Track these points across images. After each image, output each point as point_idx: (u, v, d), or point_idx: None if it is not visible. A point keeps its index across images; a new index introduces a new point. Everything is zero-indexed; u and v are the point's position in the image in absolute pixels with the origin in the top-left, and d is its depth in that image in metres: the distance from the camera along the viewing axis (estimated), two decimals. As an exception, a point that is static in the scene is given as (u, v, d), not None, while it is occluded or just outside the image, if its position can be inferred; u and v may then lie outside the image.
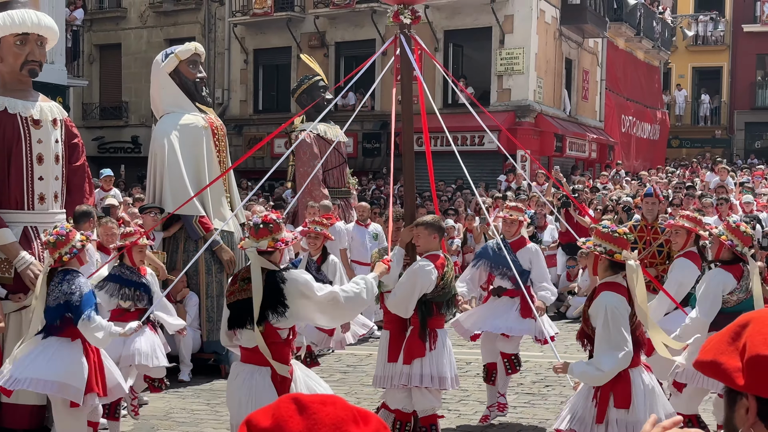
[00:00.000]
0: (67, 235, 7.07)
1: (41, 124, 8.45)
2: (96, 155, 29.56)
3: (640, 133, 34.79)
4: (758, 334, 1.75)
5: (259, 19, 28.10)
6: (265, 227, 6.00)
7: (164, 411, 9.57)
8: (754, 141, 41.01)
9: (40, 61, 8.59)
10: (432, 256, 7.17)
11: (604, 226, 6.15)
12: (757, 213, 16.81)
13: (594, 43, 30.57)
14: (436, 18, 25.67)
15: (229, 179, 11.98)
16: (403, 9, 7.76)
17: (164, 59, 11.76)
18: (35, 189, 8.40)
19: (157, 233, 11.41)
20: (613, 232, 6.03)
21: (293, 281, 5.93)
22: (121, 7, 31.28)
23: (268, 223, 6.02)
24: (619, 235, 6.02)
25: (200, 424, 9.17)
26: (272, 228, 6.00)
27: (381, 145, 26.73)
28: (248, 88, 29.59)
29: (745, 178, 23.48)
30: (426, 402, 7.26)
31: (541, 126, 25.78)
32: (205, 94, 12.03)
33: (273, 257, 6.06)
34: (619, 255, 5.98)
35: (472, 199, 20.64)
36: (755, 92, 41.12)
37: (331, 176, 16.23)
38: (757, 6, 40.56)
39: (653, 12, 34.83)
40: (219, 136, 11.76)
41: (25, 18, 8.34)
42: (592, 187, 20.98)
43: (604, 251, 6.01)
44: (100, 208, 13.36)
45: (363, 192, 21.68)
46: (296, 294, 5.91)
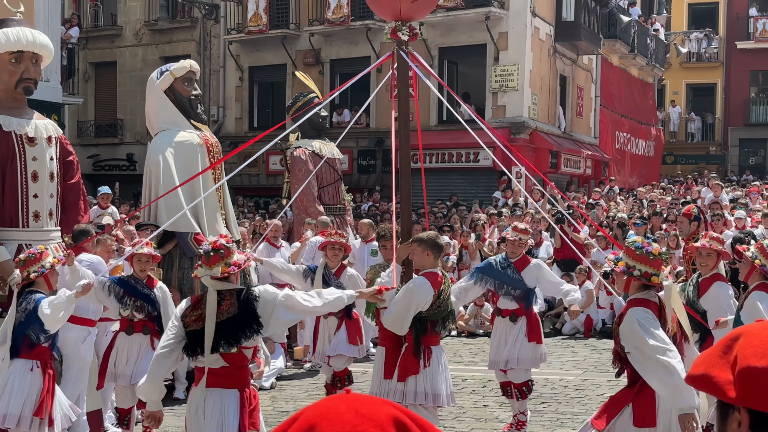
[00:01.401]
0: (39, 255, 7.14)
1: (36, 141, 8.45)
2: (91, 173, 29.53)
3: (634, 150, 34.85)
4: (749, 347, 1.75)
5: (254, 36, 28.15)
6: (216, 253, 5.99)
7: (160, 428, 9.53)
8: (749, 157, 41.12)
9: (35, 79, 8.60)
10: (429, 274, 7.16)
11: (637, 246, 5.75)
12: (751, 229, 16.83)
13: (588, 60, 30.66)
14: (431, 35, 25.73)
15: (224, 196, 11.99)
16: (401, 26, 7.80)
17: (159, 77, 11.78)
18: (30, 206, 8.40)
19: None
20: (648, 254, 5.69)
21: (268, 300, 5.96)
22: (117, 25, 31.32)
23: (218, 249, 6.00)
24: (655, 256, 5.71)
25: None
26: (223, 253, 5.99)
27: (376, 161, 26.76)
28: (243, 106, 29.61)
29: (737, 193, 23.53)
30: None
31: (536, 142, 25.82)
32: (200, 112, 12.05)
33: (230, 280, 6.04)
34: (656, 278, 5.67)
35: (467, 216, 20.66)
36: (749, 109, 41.24)
37: (326, 193, 16.24)
38: (750, 23, 40.73)
39: (647, 29, 34.96)
40: (214, 153, 11.78)
41: (20, 36, 8.35)
42: (587, 204, 21.00)
43: (640, 274, 5.67)
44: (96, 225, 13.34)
45: (358, 209, 21.68)
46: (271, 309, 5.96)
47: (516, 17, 25.23)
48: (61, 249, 8.60)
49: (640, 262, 5.68)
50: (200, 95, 12.24)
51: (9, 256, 8.17)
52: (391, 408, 1.57)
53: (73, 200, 8.95)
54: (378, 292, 6.73)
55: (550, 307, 16.76)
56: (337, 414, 1.53)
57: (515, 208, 19.72)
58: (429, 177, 24.69)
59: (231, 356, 5.91)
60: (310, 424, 1.52)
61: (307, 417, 1.54)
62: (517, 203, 21.39)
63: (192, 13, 30.05)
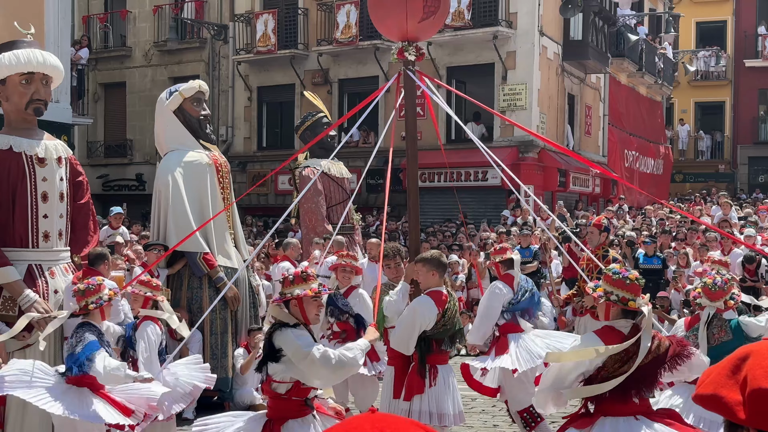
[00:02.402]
0: (98, 286, 7.18)
1: (46, 162, 8.47)
2: (101, 193, 29.63)
3: (643, 168, 34.81)
4: (759, 368, 1.74)
5: (262, 56, 28.26)
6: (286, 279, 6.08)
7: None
8: (758, 175, 41.03)
9: (45, 100, 8.63)
10: (433, 293, 7.15)
11: (615, 272, 5.83)
12: (763, 246, 16.78)
13: (596, 79, 30.69)
14: (439, 55, 25.80)
15: (233, 216, 11.99)
16: (408, 46, 7.83)
17: (168, 97, 11.80)
18: (40, 227, 8.40)
19: (161, 270, 11.42)
20: (625, 278, 5.75)
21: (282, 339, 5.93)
22: (126, 46, 31.48)
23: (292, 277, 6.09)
24: (632, 281, 5.76)
25: (204, 462, 9.10)
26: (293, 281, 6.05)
27: (385, 181, 26.74)
28: (252, 125, 29.69)
29: (746, 212, 23.47)
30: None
31: (545, 161, 25.82)
32: (209, 132, 12.05)
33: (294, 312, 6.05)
34: (634, 303, 5.72)
35: (476, 235, 20.63)
36: (758, 126, 41.21)
37: (335, 212, 16.25)
38: (758, 41, 40.73)
39: (655, 47, 34.98)
40: (223, 173, 11.78)
41: (30, 57, 8.38)
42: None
43: (617, 299, 5.72)
44: (106, 244, 13.38)
45: (367, 228, 21.68)
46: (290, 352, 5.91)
47: (524, 36, 25.29)
48: (70, 269, 8.61)
49: (618, 288, 5.72)
50: (209, 115, 12.26)
51: (19, 276, 8.17)
52: (417, 428, 1.57)
53: (82, 221, 8.95)
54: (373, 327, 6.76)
55: (556, 328, 16.70)
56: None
57: (524, 226, 19.68)
58: (437, 196, 24.74)
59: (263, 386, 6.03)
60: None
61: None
62: (525, 222, 21.36)
63: (201, 33, 30.19)
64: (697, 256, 16.40)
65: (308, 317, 6.07)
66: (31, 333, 8.23)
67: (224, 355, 11.38)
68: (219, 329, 11.37)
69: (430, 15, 7.71)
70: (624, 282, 5.73)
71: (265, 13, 28.28)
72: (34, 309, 8.09)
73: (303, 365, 5.85)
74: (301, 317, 6.03)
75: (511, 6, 25.31)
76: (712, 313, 7.35)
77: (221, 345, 11.38)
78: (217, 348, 11.34)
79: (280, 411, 5.95)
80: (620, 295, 5.71)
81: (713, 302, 7.33)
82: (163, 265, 11.44)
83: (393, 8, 7.69)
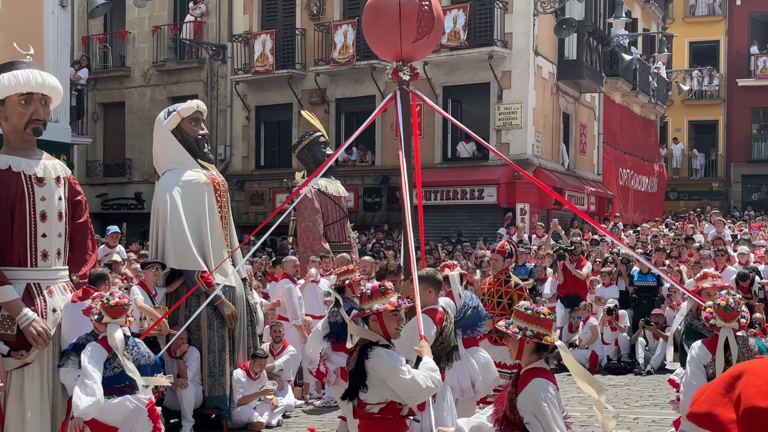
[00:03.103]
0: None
1: (45, 181, 8.46)
2: (100, 212, 29.61)
3: (637, 186, 34.87)
4: (752, 386, 1.74)
5: (260, 76, 28.31)
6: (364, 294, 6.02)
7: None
8: (751, 193, 41.13)
9: (44, 120, 8.62)
10: (431, 311, 7.14)
11: (527, 308, 5.67)
12: (755, 264, 16.79)
13: (591, 98, 30.76)
14: (435, 74, 25.86)
15: (231, 234, 11.98)
16: (402, 66, 7.85)
17: (167, 117, 11.81)
18: (38, 246, 8.38)
19: (159, 288, 11.41)
20: (538, 314, 5.61)
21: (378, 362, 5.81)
22: (125, 66, 31.54)
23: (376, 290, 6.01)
24: (545, 316, 5.63)
25: (202, 480, 9.08)
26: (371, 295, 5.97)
27: (381, 199, 26.79)
28: (250, 144, 29.72)
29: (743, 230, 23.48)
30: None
31: (540, 179, 25.81)
32: (207, 151, 12.06)
33: (374, 327, 5.96)
34: (549, 337, 5.60)
35: (472, 252, 20.63)
36: (751, 145, 41.31)
37: (332, 230, 16.25)
38: (750, 61, 40.90)
39: (649, 67, 35.10)
40: (221, 191, 11.78)
41: (29, 78, 8.38)
42: (592, 240, 20.98)
43: (532, 335, 5.57)
44: (104, 263, 13.36)
45: (363, 246, 21.67)
46: (377, 372, 5.81)
47: (519, 56, 25.37)
48: (69, 288, 8.59)
49: (532, 323, 5.59)
50: (207, 135, 12.26)
51: (17, 295, 8.15)
52: None
53: (81, 239, 8.93)
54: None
55: (555, 343, 16.70)
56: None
57: (520, 244, 19.68)
58: (433, 214, 24.74)
59: (356, 408, 5.89)
60: None
61: None
62: (521, 239, 21.36)
63: (199, 54, 30.25)
64: (691, 273, 16.39)
65: (389, 332, 5.98)
66: (29, 352, 8.21)
67: (222, 372, 11.35)
68: (216, 347, 11.35)
69: (424, 35, 7.73)
70: (538, 317, 5.59)
71: (263, 34, 28.35)
72: (32, 328, 8.07)
73: (397, 385, 5.77)
74: (381, 333, 5.95)
75: (507, 26, 25.40)
76: (730, 335, 7.30)
77: (219, 363, 11.35)
78: (214, 366, 11.32)
79: (375, 430, 5.87)
80: (535, 331, 5.57)
81: (728, 323, 7.30)
82: (161, 283, 11.44)
83: (387, 29, 7.72)
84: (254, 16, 29.28)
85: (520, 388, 5.54)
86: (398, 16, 7.61)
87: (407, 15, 7.63)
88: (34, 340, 8.09)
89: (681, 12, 42.18)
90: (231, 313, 11.35)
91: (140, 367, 7.54)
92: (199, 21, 29.99)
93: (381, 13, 7.80)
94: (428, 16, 7.71)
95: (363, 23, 8.35)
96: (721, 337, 7.32)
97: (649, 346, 15.74)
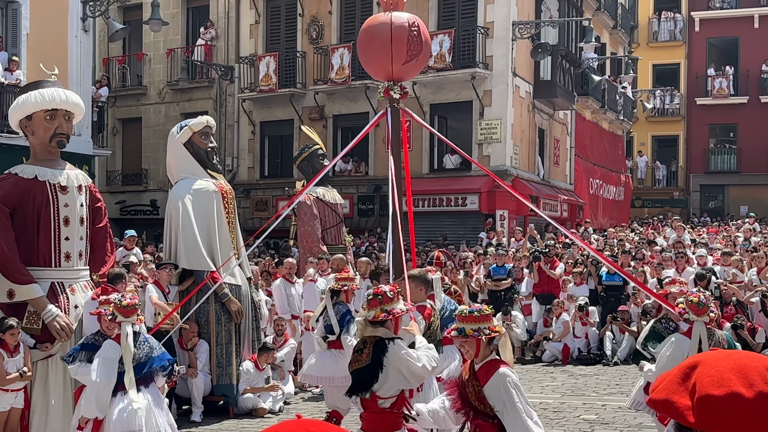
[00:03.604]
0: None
1: (68, 190, 8.46)
2: (118, 217, 29.55)
3: (606, 195, 34.91)
4: (706, 376, 1.75)
5: (265, 94, 28.30)
6: (375, 298, 5.93)
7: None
8: (708, 201, 41.24)
9: (67, 134, 8.63)
10: (419, 308, 7.15)
11: (471, 311, 5.60)
12: (712, 266, 16.82)
13: (564, 115, 30.81)
14: (423, 93, 25.88)
15: (237, 237, 11.99)
16: (393, 85, 7.86)
17: (179, 131, 11.82)
18: (62, 248, 8.38)
19: (172, 287, 11.41)
20: (479, 312, 5.57)
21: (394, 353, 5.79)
22: (142, 85, 31.49)
23: (377, 295, 5.95)
24: (486, 312, 5.60)
25: (210, 461, 9.05)
26: (381, 299, 5.91)
27: (374, 206, 26.76)
28: (255, 156, 29.68)
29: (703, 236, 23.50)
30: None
31: (518, 188, 25.80)
32: (216, 162, 12.07)
33: (386, 326, 5.93)
34: (499, 327, 5.59)
35: (456, 254, 20.62)
36: (708, 158, 41.41)
37: (329, 234, 16.25)
38: (708, 81, 41.02)
39: (616, 87, 35.17)
40: (228, 199, 11.80)
41: (54, 96, 8.39)
42: (564, 243, 20.99)
43: (488, 332, 5.53)
44: (121, 264, 13.34)
45: (357, 248, 21.65)
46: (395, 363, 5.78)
47: (499, 77, 25.40)
48: (89, 287, 8.58)
49: (479, 322, 5.54)
50: (216, 147, 12.27)
51: (43, 293, 8.15)
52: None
53: (101, 242, 8.93)
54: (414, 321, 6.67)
55: (531, 336, 16.71)
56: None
57: (498, 247, 19.69)
58: (421, 220, 24.73)
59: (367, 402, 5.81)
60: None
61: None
62: (500, 243, 21.37)
63: (209, 74, 30.22)
64: (654, 274, 16.44)
65: (398, 331, 6.02)
66: (53, 344, 8.20)
67: (229, 363, 11.36)
68: (224, 340, 11.36)
69: (413, 58, 7.75)
70: (480, 316, 5.55)
71: (267, 56, 28.34)
72: (56, 322, 8.06)
73: (411, 371, 5.79)
74: (393, 331, 5.96)
75: (488, 50, 25.43)
76: (702, 328, 7.29)
77: (226, 354, 11.36)
78: (222, 357, 11.33)
79: (378, 425, 5.80)
80: (484, 327, 5.52)
81: (700, 317, 7.30)
82: (174, 282, 11.44)
83: (380, 52, 7.73)
84: (259, 40, 29.27)
85: (483, 381, 5.47)
86: (390, 40, 7.62)
87: (398, 39, 7.64)
88: (57, 333, 8.09)
89: (645, 37, 42.28)
90: (237, 309, 11.36)
91: (152, 359, 7.51)
92: (209, 44, 29.97)
93: (374, 37, 7.81)
94: (417, 40, 7.72)
95: (358, 47, 8.36)
96: (695, 330, 7.32)
97: (615, 340, 15.76)
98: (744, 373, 1.73)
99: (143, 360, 7.44)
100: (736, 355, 1.81)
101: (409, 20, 7.77)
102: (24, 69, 20.14)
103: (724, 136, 41.85)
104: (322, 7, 27.91)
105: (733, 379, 1.72)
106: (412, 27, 7.70)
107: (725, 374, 1.73)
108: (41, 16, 20.79)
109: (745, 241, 20.91)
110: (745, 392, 1.70)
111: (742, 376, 1.72)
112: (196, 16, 31.06)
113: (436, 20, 25.88)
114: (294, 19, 28.57)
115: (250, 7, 29.27)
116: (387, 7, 7.82)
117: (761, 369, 1.73)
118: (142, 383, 7.44)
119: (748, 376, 1.72)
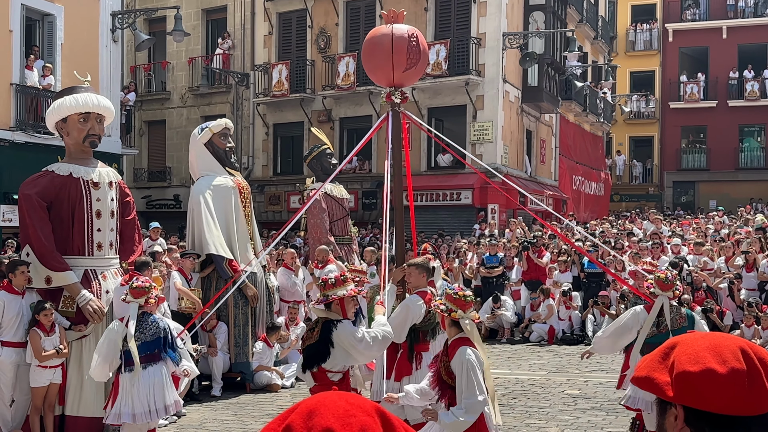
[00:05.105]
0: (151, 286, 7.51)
1: (100, 185, 8.48)
2: (144, 210, 29.54)
3: (587, 190, 34.89)
4: (684, 354, 1.76)
5: (277, 99, 28.28)
6: (320, 284, 6.12)
7: (199, 421, 9.48)
8: (681, 196, 41.22)
9: (99, 135, 8.65)
10: (421, 293, 7.15)
11: (453, 291, 5.76)
12: (686, 255, 16.82)
13: (549, 118, 30.78)
14: (421, 98, 25.87)
15: (253, 230, 12.01)
16: (394, 91, 7.86)
17: (200, 132, 11.84)
18: (94, 239, 8.40)
19: (194, 274, 11.42)
20: (455, 294, 5.69)
21: (343, 332, 5.94)
22: (166, 91, 31.46)
23: (322, 282, 6.13)
24: (459, 297, 5.68)
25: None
26: (324, 285, 6.09)
27: (377, 200, 26.77)
28: (269, 155, 29.68)
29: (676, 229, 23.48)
30: (415, 412, 7.17)
31: (508, 184, 25.82)
32: (233, 160, 12.09)
33: (333, 308, 6.08)
34: (455, 313, 5.63)
35: (451, 244, 20.63)
36: (680, 156, 41.37)
37: (336, 226, 16.24)
38: (680, 87, 40.96)
39: (597, 92, 35.14)
40: (245, 194, 11.82)
41: (87, 100, 8.41)
42: (550, 234, 20.98)
43: (445, 309, 5.66)
44: (147, 253, 13.35)
45: (362, 239, 21.66)
46: (341, 341, 5.92)
47: (490, 83, 25.38)
48: (119, 273, 8.60)
49: (448, 301, 5.69)
50: (233, 147, 12.28)
51: (77, 279, 8.17)
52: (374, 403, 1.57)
53: (129, 233, 8.96)
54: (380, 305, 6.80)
55: (519, 319, 16.72)
56: (332, 402, 1.52)
57: (491, 237, 19.70)
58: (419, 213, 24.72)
59: (317, 375, 5.96)
60: (310, 410, 1.50)
61: (306, 405, 1.53)
62: (492, 234, 21.37)
63: (227, 80, 30.20)
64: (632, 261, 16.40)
65: (347, 314, 6.11)
66: (87, 326, 8.22)
67: (245, 343, 11.39)
68: (241, 322, 11.39)
69: (413, 66, 7.74)
70: (453, 297, 5.69)
71: (280, 64, 28.31)
72: (89, 306, 8.07)
73: (358, 348, 5.90)
74: (341, 314, 6.04)
75: (480, 58, 25.40)
76: (666, 302, 7.31)
77: (243, 335, 11.39)
78: (239, 337, 11.36)
79: None
80: (447, 306, 5.67)
81: (665, 292, 7.32)
82: (196, 269, 11.45)
83: (382, 60, 7.72)
84: (272, 50, 29.24)
85: (451, 356, 5.64)
86: (391, 49, 7.61)
87: (398, 49, 7.64)
88: (90, 316, 8.11)
89: (623, 47, 42.19)
90: (253, 294, 11.39)
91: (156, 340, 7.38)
92: (226, 53, 29.94)
93: (377, 47, 7.81)
94: (416, 49, 7.71)
95: (362, 55, 8.35)
96: (657, 303, 7.34)
97: (596, 322, 15.77)
98: (718, 351, 1.74)
99: (149, 340, 7.35)
100: (711, 335, 1.82)
101: (408, 32, 7.76)
102: (59, 76, 20.13)
103: (695, 137, 41.78)
104: (329, 20, 27.87)
105: (708, 356, 1.73)
106: (411, 38, 7.69)
107: (701, 352, 1.74)
108: (74, 28, 20.77)
109: (715, 233, 20.90)
110: (718, 368, 1.71)
111: (716, 354, 1.73)
112: (214, 27, 31.02)
113: (434, 31, 25.85)
114: (304, 31, 28.53)
115: (264, 19, 29.24)
116: (389, 19, 7.82)
117: (733, 348, 1.75)
118: (149, 360, 7.35)
119: (722, 354, 1.73)
